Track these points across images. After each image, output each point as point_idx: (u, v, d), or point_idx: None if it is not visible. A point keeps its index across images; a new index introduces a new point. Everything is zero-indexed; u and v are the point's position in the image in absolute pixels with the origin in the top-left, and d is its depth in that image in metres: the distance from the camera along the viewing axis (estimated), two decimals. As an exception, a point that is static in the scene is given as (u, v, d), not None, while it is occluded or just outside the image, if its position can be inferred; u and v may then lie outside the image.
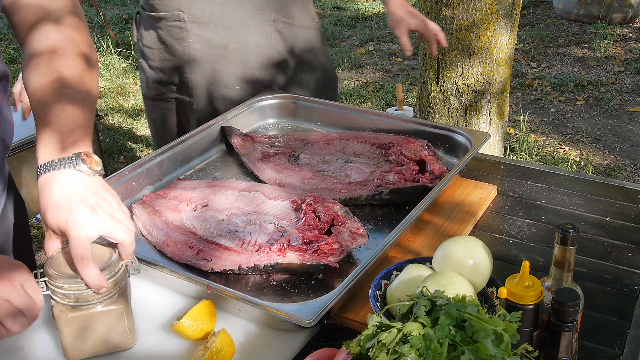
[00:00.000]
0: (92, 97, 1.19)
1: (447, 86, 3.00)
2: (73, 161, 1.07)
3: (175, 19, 1.89)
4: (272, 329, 1.18)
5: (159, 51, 1.95)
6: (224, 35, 1.90)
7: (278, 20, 1.93)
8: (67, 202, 1.04)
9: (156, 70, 1.98)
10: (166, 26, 1.91)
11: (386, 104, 4.78)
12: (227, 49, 1.91)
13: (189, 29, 1.89)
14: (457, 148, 1.71)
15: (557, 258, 1.06)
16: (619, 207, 1.54)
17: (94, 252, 1.04)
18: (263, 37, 1.92)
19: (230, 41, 1.90)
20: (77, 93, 1.15)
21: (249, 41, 1.92)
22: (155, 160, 1.65)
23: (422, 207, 1.39)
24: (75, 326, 1.08)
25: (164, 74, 1.98)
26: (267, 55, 1.94)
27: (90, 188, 1.07)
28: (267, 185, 1.58)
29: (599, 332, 1.18)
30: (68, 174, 1.06)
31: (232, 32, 1.90)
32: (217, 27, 1.89)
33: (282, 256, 1.28)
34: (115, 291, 1.09)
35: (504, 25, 2.86)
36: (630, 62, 5.23)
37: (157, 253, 1.40)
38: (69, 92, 1.14)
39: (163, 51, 1.94)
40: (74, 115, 1.12)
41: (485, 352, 0.84)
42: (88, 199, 1.05)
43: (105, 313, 1.08)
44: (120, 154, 4.24)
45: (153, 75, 2.00)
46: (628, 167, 3.86)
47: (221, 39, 1.90)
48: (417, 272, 1.14)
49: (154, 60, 1.97)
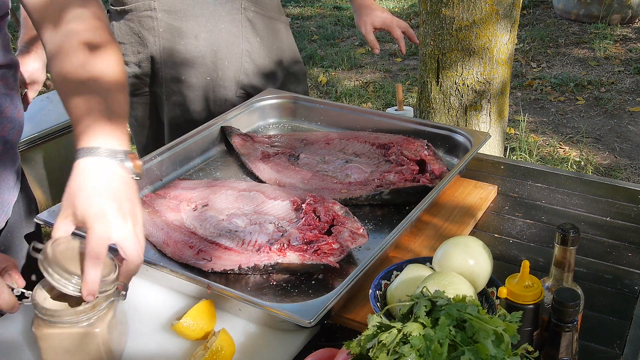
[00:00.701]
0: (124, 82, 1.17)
1: (447, 86, 3.00)
2: (122, 156, 1.04)
3: (146, 8, 1.89)
4: (272, 329, 1.18)
5: (131, 45, 1.94)
6: (194, 24, 1.90)
7: (248, 9, 1.93)
8: (102, 194, 1.00)
9: (131, 65, 1.97)
10: (137, 17, 1.90)
11: (386, 104, 4.78)
12: (198, 39, 1.91)
13: (159, 18, 1.88)
14: (457, 148, 1.71)
15: (558, 258, 1.06)
16: (619, 207, 1.54)
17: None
18: (233, 24, 1.92)
19: (200, 30, 1.90)
20: (117, 84, 1.13)
21: (220, 29, 1.91)
22: (155, 160, 1.65)
23: (422, 207, 1.39)
24: (50, 342, 1.05)
25: (139, 68, 1.97)
26: (237, 43, 1.94)
27: (128, 191, 1.03)
28: (267, 185, 1.58)
29: (599, 332, 1.18)
30: (112, 165, 1.03)
31: (202, 21, 1.90)
32: (188, 16, 1.89)
33: (282, 256, 1.28)
34: (93, 313, 1.04)
35: (504, 25, 2.86)
36: (630, 62, 5.23)
37: (157, 253, 1.40)
38: (111, 83, 1.12)
39: (136, 44, 1.94)
40: (119, 102, 1.10)
41: (485, 352, 0.84)
42: (123, 202, 1.01)
43: (78, 335, 1.04)
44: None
45: (129, 70, 1.98)
46: (628, 167, 3.86)
47: (191, 28, 1.90)
48: (417, 272, 1.14)
49: (128, 55, 1.96)
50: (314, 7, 7.22)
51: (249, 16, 1.94)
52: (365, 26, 2.06)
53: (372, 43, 2.06)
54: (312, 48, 5.95)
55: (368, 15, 2.05)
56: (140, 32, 1.91)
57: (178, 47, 1.91)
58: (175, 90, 1.96)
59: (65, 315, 1.03)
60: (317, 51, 5.88)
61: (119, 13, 1.93)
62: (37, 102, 2.64)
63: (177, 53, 1.92)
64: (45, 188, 3.47)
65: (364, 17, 2.06)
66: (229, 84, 1.97)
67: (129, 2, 1.90)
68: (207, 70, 1.94)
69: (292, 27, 6.32)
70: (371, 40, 2.06)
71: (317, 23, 6.67)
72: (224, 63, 1.94)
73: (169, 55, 1.92)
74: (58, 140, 3.44)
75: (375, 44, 2.06)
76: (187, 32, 1.90)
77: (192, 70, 1.94)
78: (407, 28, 2.06)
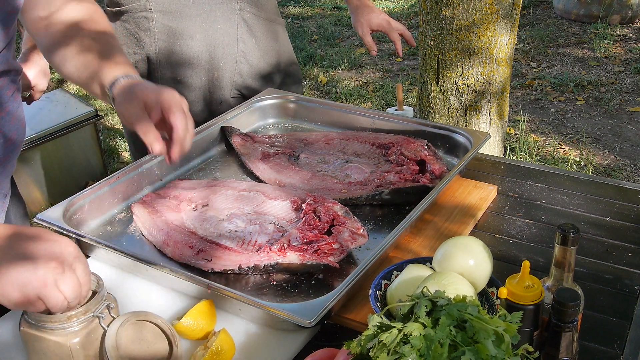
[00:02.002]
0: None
1: (447, 86, 3.00)
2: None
3: (142, 9, 1.88)
4: (272, 329, 1.18)
5: (127, 46, 1.94)
6: (190, 25, 1.90)
7: (244, 9, 1.93)
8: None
9: None
10: (133, 18, 1.90)
11: (386, 104, 4.78)
12: (193, 39, 1.91)
13: (155, 19, 1.88)
14: (457, 148, 1.71)
15: (558, 258, 1.06)
16: (619, 207, 1.54)
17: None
18: (229, 25, 1.92)
19: (196, 31, 1.90)
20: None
21: (215, 30, 1.91)
22: (155, 160, 1.65)
23: (422, 207, 1.39)
24: (32, 344, 1.04)
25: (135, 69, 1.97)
26: (232, 44, 1.94)
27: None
28: (267, 185, 1.58)
29: (599, 332, 1.18)
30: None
31: (198, 22, 1.90)
32: (183, 17, 1.89)
33: (283, 256, 1.28)
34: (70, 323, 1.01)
35: (504, 25, 2.86)
36: (630, 62, 5.23)
37: (157, 253, 1.40)
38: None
39: (132, 44, 1.94)
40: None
41: (485, 352, 0.84)
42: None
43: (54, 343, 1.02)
44: (120, 154, 4.24)
45: None
46: (628, 167, 3.86)
47: (187, 28, 1.90)
48: (417, 272, 1.14)
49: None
50: (314, 7, 7.22)
51: (245, 17, 1.94)
52: (362, 28, 2.05)
53: (369, 45, 2.06)
54: (312, 48, 5.95)
55: (365, 17, 2.04)
56: (136, 33, 1.91)
57: (174, 47, 1.91)
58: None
59: (45, 321, 1.01)
60: (317, 51, 5.89)
61: (115, 14, 1.93)
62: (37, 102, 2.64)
63: (173, 54, 1.92)
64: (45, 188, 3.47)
65: (361, 18, 2.05)
66: (224, 84, 1.97)
67: (125, 3, 1.90)
68: (203, 71, 1.94)
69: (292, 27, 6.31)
70: (368, 42, 2.05)
71: (317, 23, 6.67)
72: (220, 64, 1.94)
73: (164, 56, 1.92)
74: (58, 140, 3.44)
75: (372, 46, 2.05)
76: (183, 33, 1.90)
77: (188, 70, 1.94)
78: (404, 30, 2.06)
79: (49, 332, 1.01)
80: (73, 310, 1.00)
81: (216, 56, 1.93)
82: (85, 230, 1.46)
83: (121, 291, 1.29)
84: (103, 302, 1.05)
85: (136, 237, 1.46)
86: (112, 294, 1.11)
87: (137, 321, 1.07)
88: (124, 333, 1.04)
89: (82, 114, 3.53)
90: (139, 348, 1.05)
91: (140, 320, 1.08)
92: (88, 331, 1.03)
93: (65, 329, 1.01)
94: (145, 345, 1.07)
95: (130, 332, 1.05)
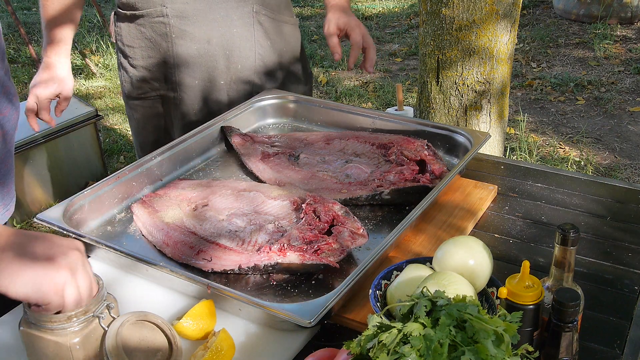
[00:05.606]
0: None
1: (447, 86, 3.00)
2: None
3: (158, 14, 1.89)
4: (272, 329, 1.18)
5: (141, 49, 1.94)
6: (207, 29, 1.90)
7: (260, 13, 1.93)
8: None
9: (140, 68, 1.97)
10: (150, 23, 1.91)
11: (386, 104, 4.78)
12: (210, 43, 1.91)
13: (172, 24, 1.88)
14: (457, 148, 1.71)
15: (558, 258, 1.06)
16: (619, 207, 1.54)
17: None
18: (245, 29, 1.93)
19: (213, 35, 1.90)
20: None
21: (232, 34, 1.92)
22: (155, 160, 1.65)
23: (422, 207, 1.39)
24: (31, 344, 1.04)
25: (148, 72, 1.97)
26: (249, 47, 1.94)
27: None
28: (267, 185, 1.58)
29: (599, 332, 1.18)
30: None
31: (215, 26, 1.90)
32: (200, 21, 1.89)
33: (282, 256, 1.28)
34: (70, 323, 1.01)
35: (504, 25, 2.86)
36: (630, 62, 5.23)
37: (157, 253, 1.40)
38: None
39: (147, 48, 1.94)
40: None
41: (485, 352, 0.84)
42: None
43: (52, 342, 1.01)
44: (120, 154, 4.24)
45: (137, 74, 1.98)
46: (628, 167, 3.86)
47: (204, 33, 1.90)
48: (417, 272, 1.14)
49: (136, 59, 1.97)
50: (314, 7, 7.22)
51: (261, 20, 1.94)
52: (329, 25, 1.88)
53: (333, 47, 1.87)
54: (312, 48, 5.95)
55: (334, 14, 1.89)
56: (152, 37, 1.92)
57: (191, 51, 1.91)
58: (189, 94, 1.96)
59: (45, 321, 1.01)
60: (317, 51, 5.88)
61: (129, 17, 1.93)
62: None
63: (190, 57, 1.92)
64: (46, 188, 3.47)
65: (330, 15, 1.90)
66: (242, 87, 1.98)
67: (141, 8, 1.90)
68: (220, 73, 1.95)
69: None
70: (333, 44, 1.87)
71: (317, 23, 6.66)
72: (237, 67, 1.95)
73: (182, 60, 1.92)
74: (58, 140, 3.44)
75: (336, 48, 1.87)
76: (200, 37, 1.90)
77: (206, 74, 1.94)
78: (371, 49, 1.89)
79: (48, 332, 1.01)
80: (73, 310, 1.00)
81: (233, 59, 1.94)
82: (85, 230, 1.46)
83: (121, 291, 1.29)
84: (103, 302, 1.05)
85: (136, 237, 1.47)
86: (112, 294, 1.11)
87: (137, 321, 1.07)
88: (124, 333, 1.04)
89: (82, 114, 3.53)
90: (139, 348, 1.05)
91: (140, 320, 1.08)
92: (88, 331, 1.03)
93: (65, 329, 1.01)
94: (145, 345, 1.07)
95: (130, 332, 1.05)
